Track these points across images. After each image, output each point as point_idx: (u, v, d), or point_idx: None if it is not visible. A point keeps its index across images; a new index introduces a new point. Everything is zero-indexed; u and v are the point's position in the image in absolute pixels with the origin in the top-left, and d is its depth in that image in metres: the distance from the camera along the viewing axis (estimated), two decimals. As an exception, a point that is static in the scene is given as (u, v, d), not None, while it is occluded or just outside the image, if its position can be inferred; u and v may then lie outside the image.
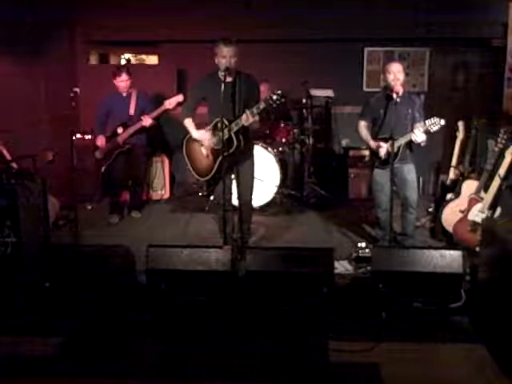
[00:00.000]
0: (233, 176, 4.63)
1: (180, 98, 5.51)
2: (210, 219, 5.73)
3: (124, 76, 5.70)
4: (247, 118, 4.23)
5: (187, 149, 4.70)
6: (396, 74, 4.45)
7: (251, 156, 4.67)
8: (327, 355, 3.27)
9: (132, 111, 5.75)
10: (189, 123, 4.59)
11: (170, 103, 5.52)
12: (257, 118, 4.31)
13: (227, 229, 4.31)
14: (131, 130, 5.68)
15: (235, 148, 4.35)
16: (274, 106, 4.18)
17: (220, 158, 4.40)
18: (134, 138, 5.75)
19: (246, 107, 4.35)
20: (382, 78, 4.72)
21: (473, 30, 6.77)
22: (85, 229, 5.19)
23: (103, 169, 5.84)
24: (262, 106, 4.19)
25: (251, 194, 4.71)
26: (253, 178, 4.70)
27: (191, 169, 4.73)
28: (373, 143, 4.65)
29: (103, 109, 5.84)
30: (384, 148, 4.53)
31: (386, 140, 4.50)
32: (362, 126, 4.77)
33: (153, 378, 3.14)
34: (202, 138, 4.54)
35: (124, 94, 5.80)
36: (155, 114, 5.62)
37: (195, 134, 4.57)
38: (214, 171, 4.54)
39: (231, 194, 4.66)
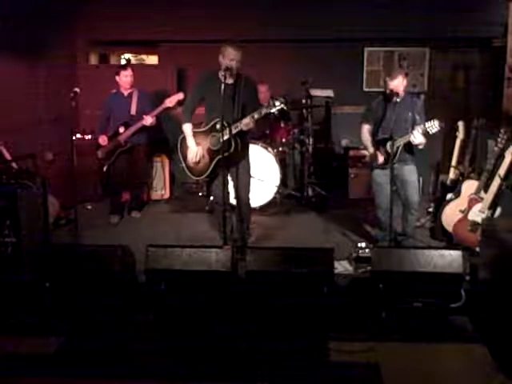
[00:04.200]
0: (230, 177, 4.64)
1: (180, 96, 5.53)
2: (209, 219, 5.73)
3: (129, 71, 5.74)
4: (248, 123, 4.26)
5: (182, 147, 4.71)
6: (397, 87, 4.47)
7: (247, 156, 4.68)
8: (327, 355, 3.27)
9: (133, 111, 5.76)
10: (187, 129, 4.59)
11: (170, 101, 5.55)
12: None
13: (227, 229, 4.32)
14: (132, 129, 5.69)
15: (233, 150, 4.36)
16: (276, 112, 4.19)
17: (217, 159, 4.41)
18: (135, 138, 5.76)
19: (244, 109, 4.37)
20: (382, 78, 4.73)
21: (473, 30, 6.77)
22: (85, 229, 5.18)
23: (105, 168, 5.84)
24: (263, 111, 4.21)
25: (248, 194, 4.72)
26: (249, 177, 4.71)
27: (185, 167, 4.74)
28: (372, 151, 4.66)
29: (105, 108, 5.86)
30: (381, 158, 4.56)
31: (385, 140, 4.51)
32: (366, 130, 4.78)
33: (153, 378, 3.14)
34: (192, 150, 4.55)
35: (125, 94, 5.80)
36: (156, 112, 5.63)
37: (190, 142, 4.57)
38: (209, 171, 4.55)
39: (229, 194, 4.67)
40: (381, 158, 4.58)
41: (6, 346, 3.43)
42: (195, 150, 4.55)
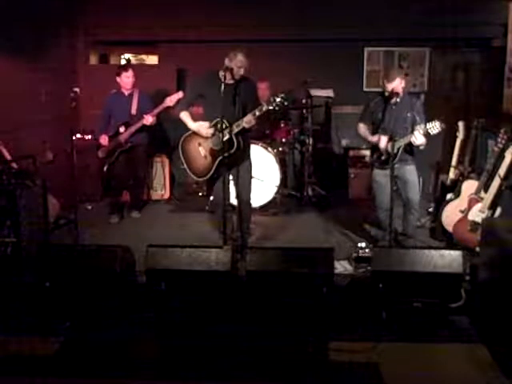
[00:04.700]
0: (231, 176, 4.65)
1: (180, 94, 5.53)
2: (209, 219, 5.73)
3: (130, 72, 5.74)
4: (249, 121, 4.26)
5: (184, 149, 4.72)
6: (394, 90, 4.47)
7: (248, 156, 4.69)
8: (327, 355, 3.27)
9: (134, 111, 5.76)
10: (185, 116, 4.60)
11: (170, 100, 5.55)
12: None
13: (227, 229, 4.32)
14: (133, 129, 5.70)
15: (235, 149, 4.37)
16: (277, 108, 4.20)
17: (219, 159, 4.42)
18: (135, 138, 5.77)
19: (244, 109, 4.37)
20: (381, 78, 4.74)
21: (473, 30, 6.77)
22: (85, 229, 5.18)
23: (105, 168, 5.85)
24: (264, 108, 4.21)
25: (250, 194, 4.72)
26: (251, 177, 4.72)
27: (187, 169, 4.74)
28: (371, 138, 4.68)
29: (106, 108, 5.85)
30: (384, 139, 4.53)
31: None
32: (362, 127, 4.81)
33: (153, 378, 3.14)
34: (200, 128, 4.54)
35: (126, 94, 5.80)
36: (156, 111, 5.64)
37: (192, 125, 4.57)
38: (212, 171, 4.56)
39: (230, 193, 4.68)
40: (383, 142, 4.56)
41: (6, 345, 3.43)
42: (200, 126, 4.52)
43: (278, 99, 4.14)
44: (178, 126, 4.82)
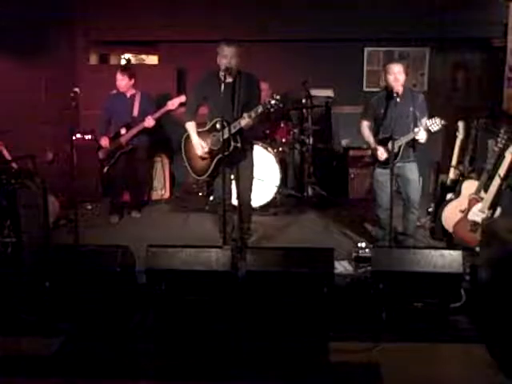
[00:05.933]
0: (232, 176, 4.65)
1: (182, 98, 5.54)
2: (209, 219, 5.73)
3: (121, 75, 5.70)
4: (245, 121, 4.27)
5: (185, 147, 4.72)
6: (396, 74, 4.44)
7: (250, 156, 4.68)
8: (327, 355, 3.27)
9: (136, 113, 5.74)
10: (190, 127, 4.60)
11: (172, 104, 5.55)
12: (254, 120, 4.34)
13: (227, 229, 4.31)
14: (134, 130, 5.69)
15: (233, 149, 4.37)
16: (272, 110, 4.21)
17: (217, 158, 4.42)
18: (136, 139, 5.76)
19: (246, 107, 4.36)
20: (382, 78, 4.73)
21: (473, 29, 6.77)
22: (85, 229, 5.18)
23: (105, 169, 5.85)
24: (259, 109, 4.22)
25: (250, 194, 4.72)
26: (252, 177, 4.71)
27: (188, 167, 4.76)
28: (374, 145, 4.65)
29: (106, 109, 5.84)
30: (384, 153, 4.53)
31: (387, 139, 4.50)
32: (365, 126, 4.77)
33: (153, 378, 3.14)
34: (197, 146, 4.56)
35: (128, 95, 5.79)
36: (158, 114, 5.63)
37: (194, 139, 4.59)
38: (210, 171, 4.56)
39: (231, 194, 4.68)
40: (383, 155, 4.56)
41: (6, 345, 3.43)
42: (198, 144, 4.55)
43: (273, 101, 4.14)
44: (179, 127, 4.82)
